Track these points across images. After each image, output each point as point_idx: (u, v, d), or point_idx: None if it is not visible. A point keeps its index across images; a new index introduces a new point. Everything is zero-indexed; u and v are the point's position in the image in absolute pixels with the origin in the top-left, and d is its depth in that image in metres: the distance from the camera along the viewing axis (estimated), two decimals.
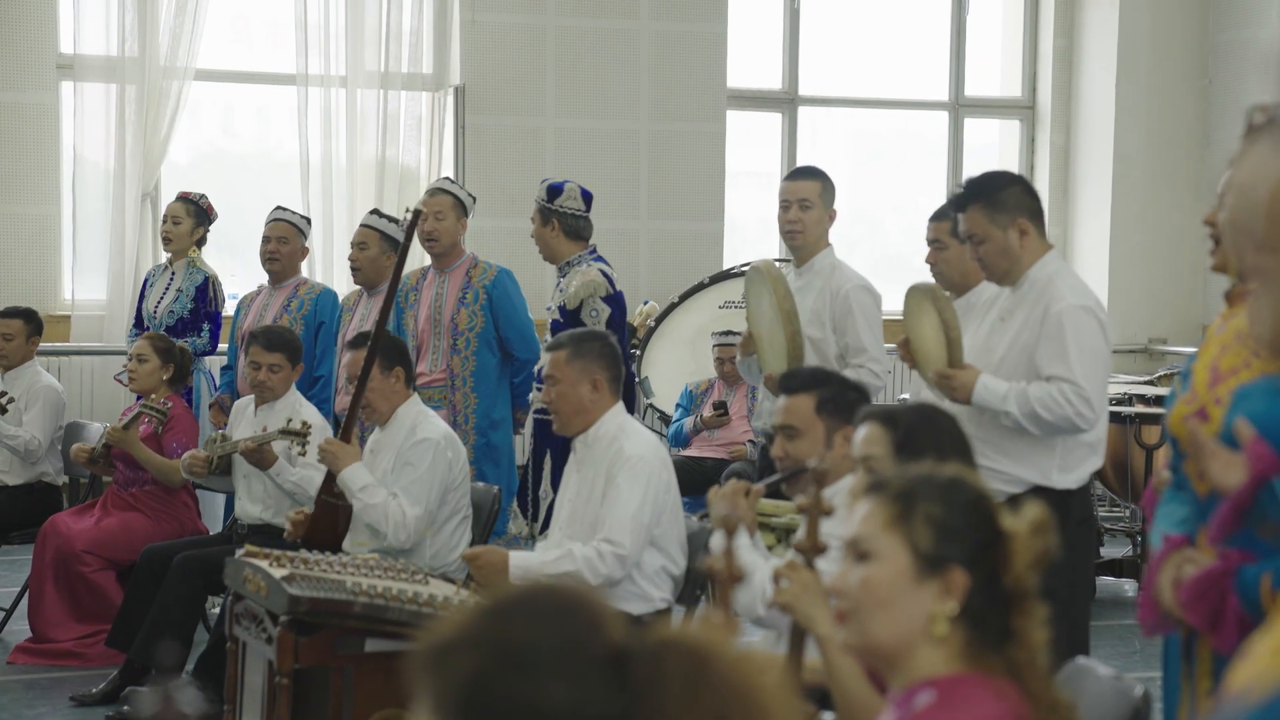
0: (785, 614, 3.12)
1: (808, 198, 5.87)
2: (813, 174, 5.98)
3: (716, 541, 3.76)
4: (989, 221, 4.67)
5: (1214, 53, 10.98)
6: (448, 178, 7.39)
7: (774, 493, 4.37)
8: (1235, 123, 3.02)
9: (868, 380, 5.46)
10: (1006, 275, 4.72)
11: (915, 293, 4.82)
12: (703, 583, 4.90)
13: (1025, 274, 4.72)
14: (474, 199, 7.24)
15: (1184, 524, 3.22)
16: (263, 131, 10.79)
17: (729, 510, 3.89)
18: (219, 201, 8.17)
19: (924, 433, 3.37)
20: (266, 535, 6.07)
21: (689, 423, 8.59)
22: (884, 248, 11.54)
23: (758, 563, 3.96)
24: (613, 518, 4.80)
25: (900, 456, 3.25)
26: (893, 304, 5.46)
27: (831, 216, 5.92)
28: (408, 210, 5.99)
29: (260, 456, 6.21)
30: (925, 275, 5.58)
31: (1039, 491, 4.54)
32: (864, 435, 3.43)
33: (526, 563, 4.89)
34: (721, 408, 8.53)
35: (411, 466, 5.59)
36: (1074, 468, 4.72)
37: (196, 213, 7.90)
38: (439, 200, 7.11)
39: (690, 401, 8.74)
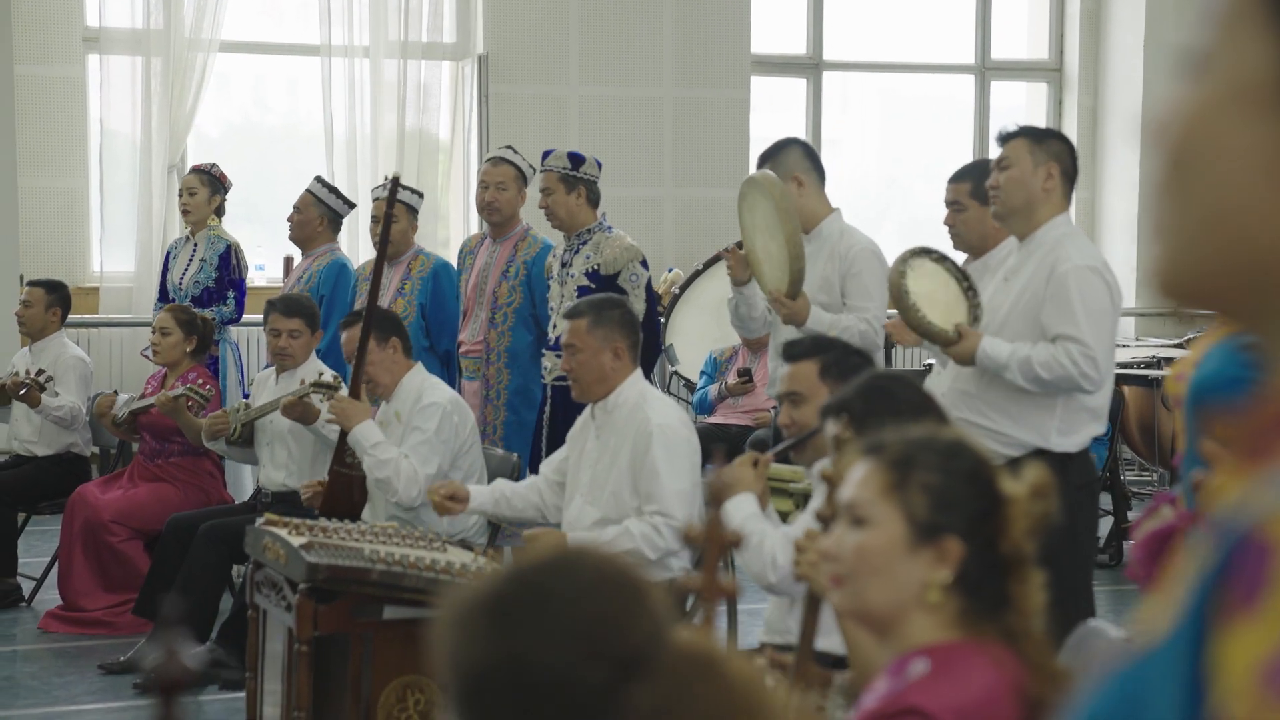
0: (804, 583, 3.11)
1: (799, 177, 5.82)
2: (775, 151, 5.91)
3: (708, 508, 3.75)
4: (1027, 152, 4.72)
5: None
6: (509, 146, 7.35)
7: (787, 459, 4.37)
8: None
9: (864, 330, 5.45)
10: (1015, 214, 4.73)
11: (909, 257, 4.82)
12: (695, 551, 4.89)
13: (1034, 234, 4.72)
14: (534, 170, 7.17)
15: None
16: (288, 103, 10.81)
17: (719, 479, 3.87)
18: (244, 173, 8.21)
19: (879, 406, 3.31)
20: (291, 503, 6.11)
21: (714, 390, 8.60)
22: (914, 211, 11.50)
23: (765, 530, 3.96)
24: (661, 491, 4.79)
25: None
26: None
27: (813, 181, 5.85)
28: (386, 177, 6.02)
29: (304, 410, 6.21)
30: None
31: (1038, 455, 4.54)
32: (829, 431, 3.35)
33: (583, 541, 4.88)
34: (746, 374, 8.53)
35: (419, 430, 5.63)
36: (1074, 431, 4.72)
37: (210, 182, 7.93)
38: (502, 170, 7.10)
39: (715, 369, 8.75)
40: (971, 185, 5.30)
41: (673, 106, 10.10)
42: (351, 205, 7.89)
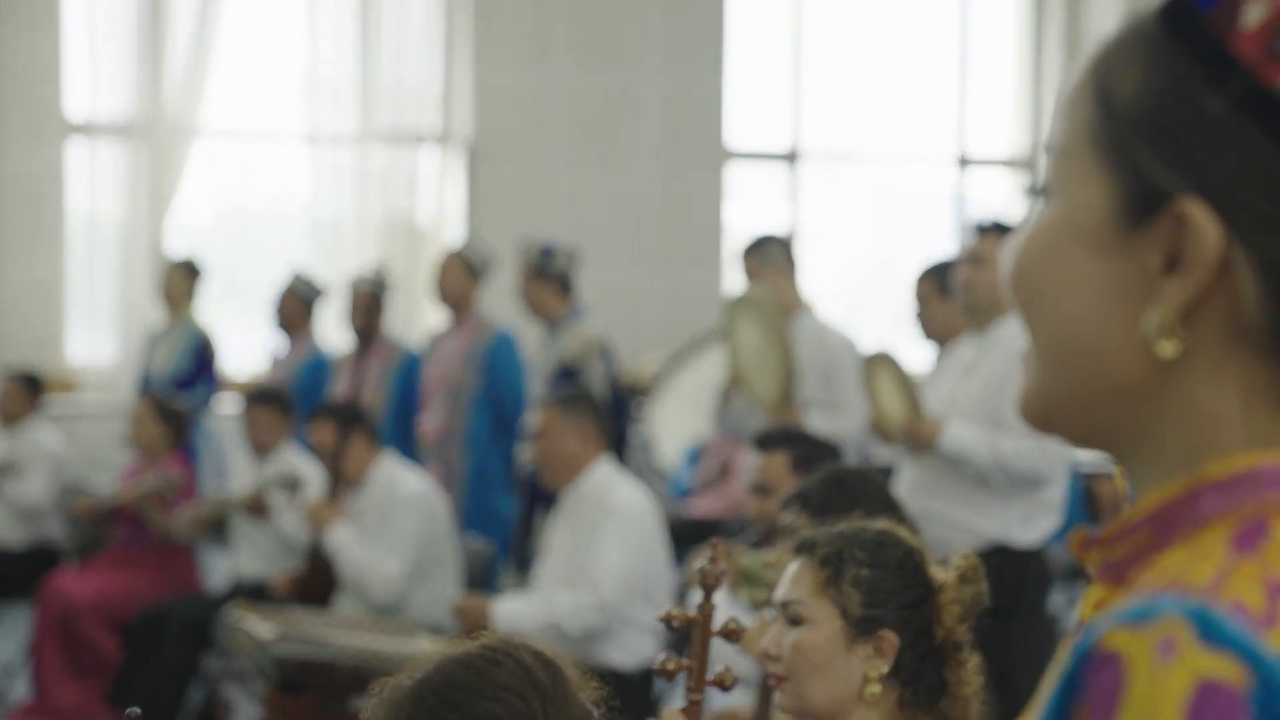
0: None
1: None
2: (757, 245, 6.12)
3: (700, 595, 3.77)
4: (992, 252, 4.77)
5: None
6: (467, 239, 7.53)
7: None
8: None
9: (842, 428, 5.54)
10: (985, 311, 4.80)
11: (867, 363, 4.94)
12: (676, 638, 4.91)
13: (995, 326, 4.78)
14: (487, 259, 7.30)
15: None
16: (273, 188, 10.85)
17: (711, 564, 3.89)
18: (229, 258, 8.26)
19: (837, 500, 3.31)
20: (264, 593, 6.12)
21: (692, 478, 8.59)
22: (893, 304, 11.54)
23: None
24: (597, 568, 4.85)
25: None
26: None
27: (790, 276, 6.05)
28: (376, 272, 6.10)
29: (259, 508, 6.27)
30: None
31: (1000, 552, 4.57)
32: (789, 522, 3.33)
33: (509, 611, 4.92)
34: (723, 468, 8.52)
35: (391, 524, 5.66)
36: (1035, 521, 4.75)
37: (188, 272, 8.00)
38: (449, 260, 7.30)
39: (694, 459, 8.75)
40: (935, 282, 5.40)
41: (652, 195, 10.17)
42: (318, 292, 8.00)
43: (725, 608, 4.01)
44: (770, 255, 6.04)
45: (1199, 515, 0.99)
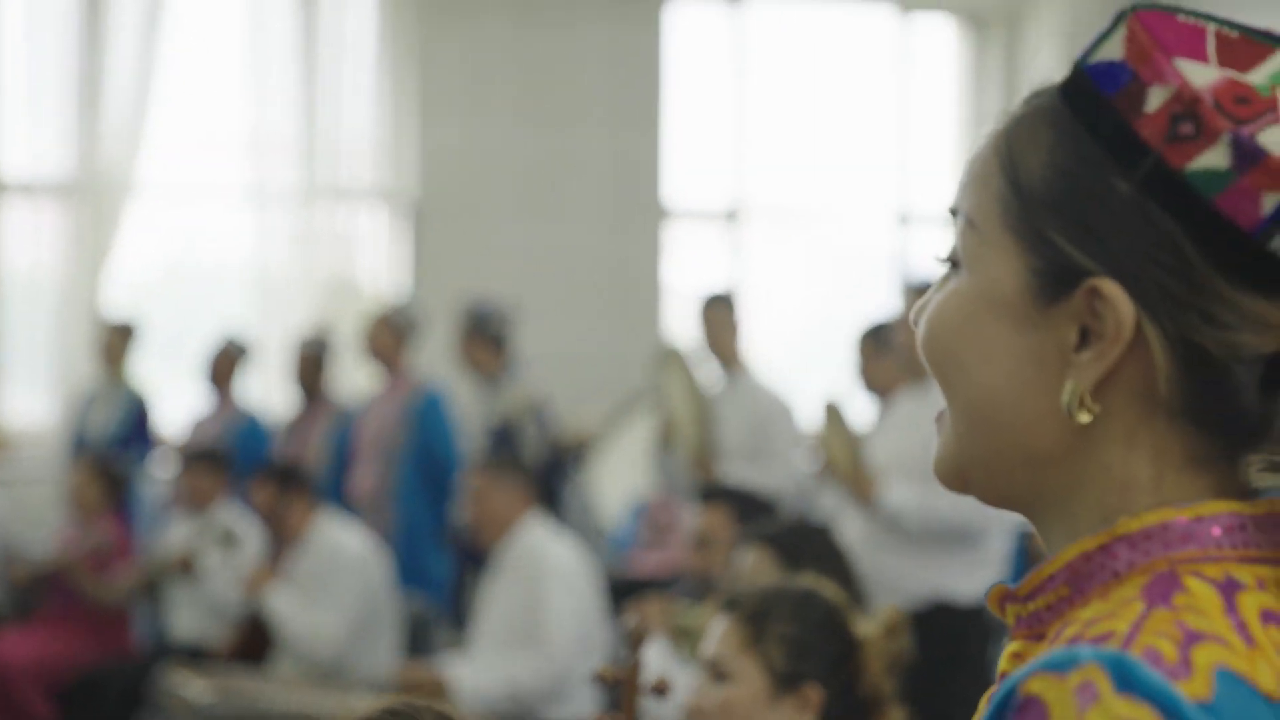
0: None
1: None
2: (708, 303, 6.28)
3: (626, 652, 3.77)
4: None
5: None
6: (397, 299, 7.58)
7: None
8: None
9: (773, 482, 5.62)
10: (918, 366, 4.88)
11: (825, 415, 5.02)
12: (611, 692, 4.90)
13: (925, 379, 4.84)
14: (414, 319, 7.35)
15: None
16: (214, 245, 10.80)
17: (639, 620, 3.91)
18: (169, 316, 8.23)
19: (804, 549, 3.36)
20: (200, 654, 6.07)
21: (636, 535, 8.57)
22: (835, 362, 11.57)
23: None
24: (549, 629, 4.85)
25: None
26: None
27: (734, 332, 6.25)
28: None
29: (189, 568, 6.24)
30: None
31: (940, 608, 4.61)
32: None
33: (469, 685, 4.90)
34: (664, 527, 8.51)
35: (330, 583, 5.64)
36: (975, 575, 4.80)
37: (124, 332, 7.97)
38: (375, 321, 7.34)
39: (635, 519, 8.72)
40: (875, 340, 5.50)
41: (593, 254, 10.18)
42: (244, 351, 8.03)
43: (665, 664, 4.01)
44: (720, 313, 6.28)
45: (1113, 569, 1.02)
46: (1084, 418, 1.03)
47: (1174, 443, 1.04)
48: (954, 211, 1.11)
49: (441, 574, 7.07)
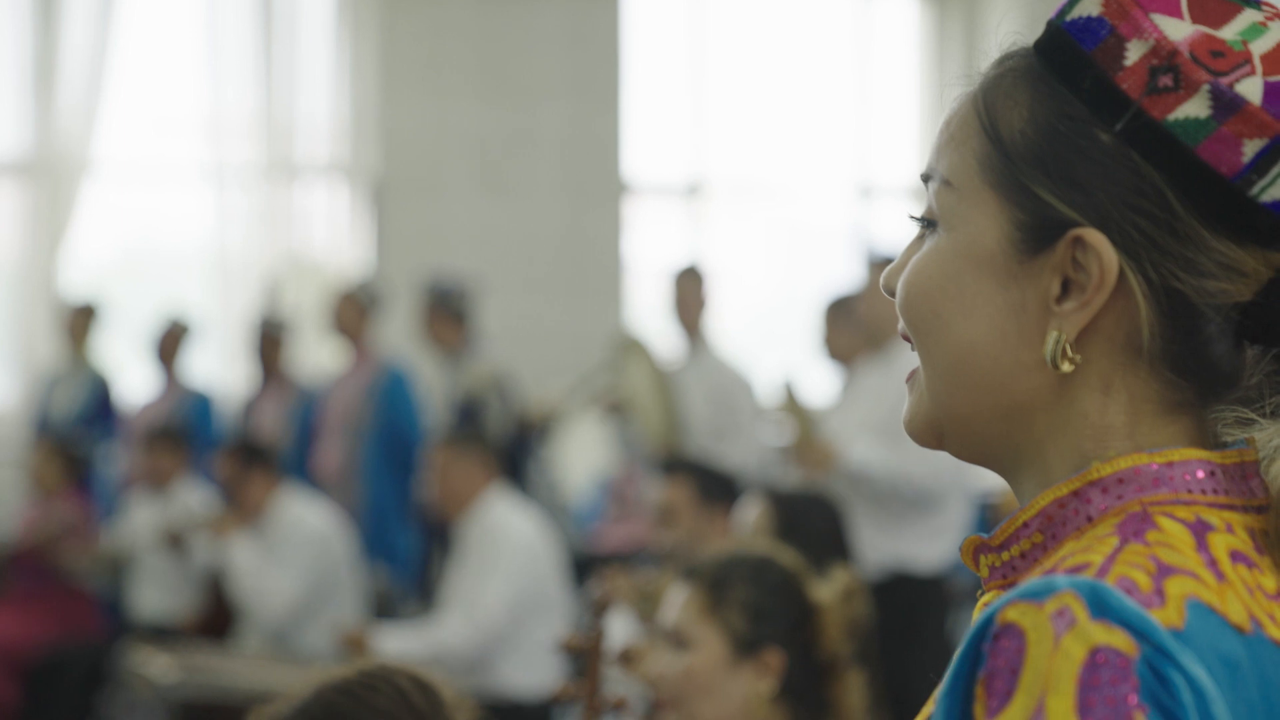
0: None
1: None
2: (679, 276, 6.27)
3: (590, 621, 3.80)
4: (874, 289, 4.94)
5: None
6: (361, 276, 7.57)
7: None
8: None
9: (738, 456, 5.66)
10: (881, 336, 4.97)
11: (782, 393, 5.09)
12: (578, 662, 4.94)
13: (894, 347, 4.90)
14: (377, 296, 7.35)
15: None
16: (173, 224, 10.75)
17: (604, 589, 3.93)
18: (127, 296, 8.20)
19: (805, 518, 3.40)
20: (164, 631, 6.07)
21: (602, 509, 8.58)
22: (798, 335, 11.59)
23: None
24: (476, 597, 4.90)
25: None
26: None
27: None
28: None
29: (179, 542, 6.24)
30: None
31: (900, 578, 4.66)
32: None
33: (395, 649, 4.93)
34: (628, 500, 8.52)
35: (287, 553, 5.66)
36: (935, 543, 4.83)
37: (87, 313, 7.94)
38: (342, 298, 7.31)
39: (600, 493, 8.74)
40: (838, 312, 5.56)
41: (554, 229, 10.18)
42: (186, 329, 8.03)
43: (630, 634, 4.03)
44: (690, 283, 6.36)
45: (1086, 514, 1.05)
46: (1066, 367, 1.06)
47: (1149, 390, 1.08)
48: (926, 176, 1.14)
49: (407, 549, 7.08)
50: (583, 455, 9.11)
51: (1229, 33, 1.06)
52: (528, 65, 10.14)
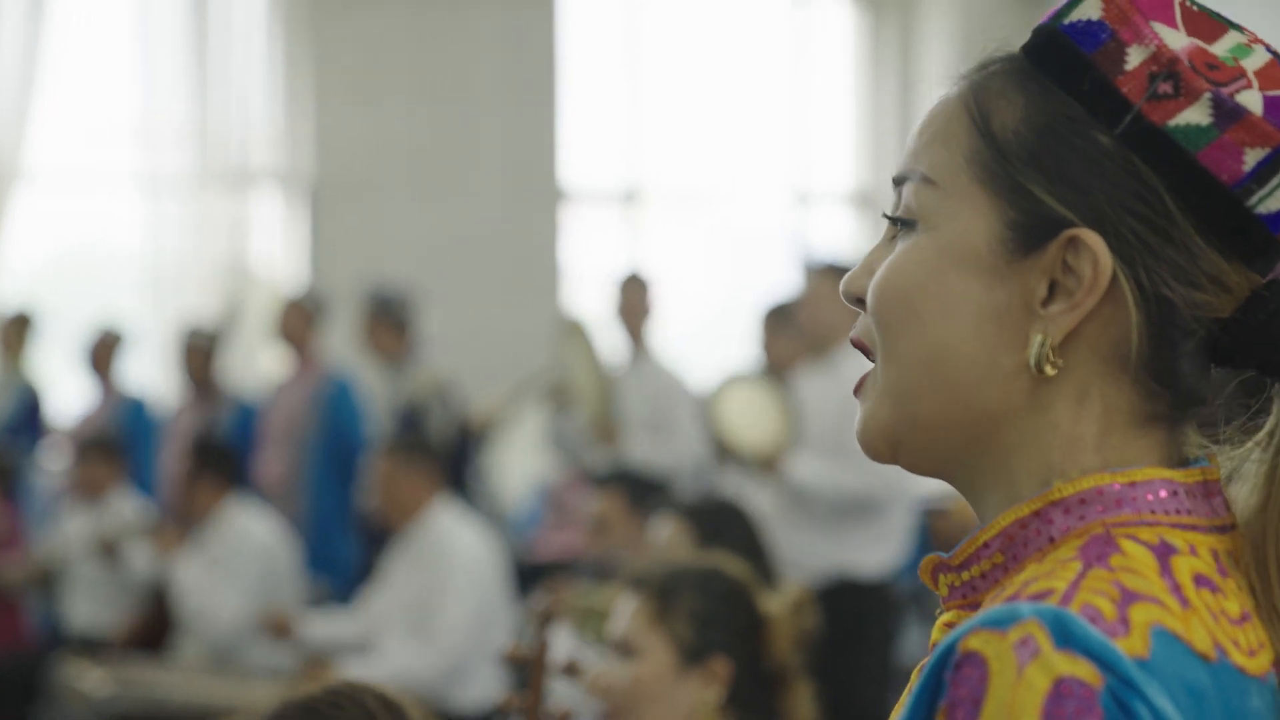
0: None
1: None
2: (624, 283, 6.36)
3: (534, 632, 3.78)
4: (827, 287, 4.96)
5: None
6: (305, 283, 7.54)
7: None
8: None
9: (674, 458, 5.67)
10: (821, 343, 5.00)
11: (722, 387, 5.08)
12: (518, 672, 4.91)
13: (834, 354, 4.92)
14: (323, 303, 7.31)
15: None
16: (106, 232, 10.65)
17: (549, 601, 3.91)
18: (60, 305, 8.13)
19: (718, 526, 3.39)
20: (97, 644, 6.01)
21: (540, 517, 8.56)
22: (735, 340, 11.59)
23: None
24: (442, 622, 4.85)
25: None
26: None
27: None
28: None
29: (112, 550, 6.18)
30: None
31: (843, 585, 4.67)
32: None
33: (317, 632, 4.93)
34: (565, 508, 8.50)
35: (232, 566, 5.61)
36: (877, 549, 4.85)
37: (23, 323, 7.86)
38: (289, 306, 7.29)
39: (538, 500, 8.71)
40: (776, 319, 5.58)
41: (491, 235, 10.15)
42: (119, 338, 7.96)
43: (572, 647, 4.01)
44: (635, 290, 6.42)
45: (1048, 534, 1.03)
46: (1050, 371, 1.04)
47: (1123, 400, 1.06)
48: (901, 178, 1.11)
49: (350, 560, 7.03)
50: (521, 462, 9.09)
51: (1220, 49, 1.06)
52: (463, 70, 10.11)
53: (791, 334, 5.41)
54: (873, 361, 1.11)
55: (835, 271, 5.06)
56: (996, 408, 1.06)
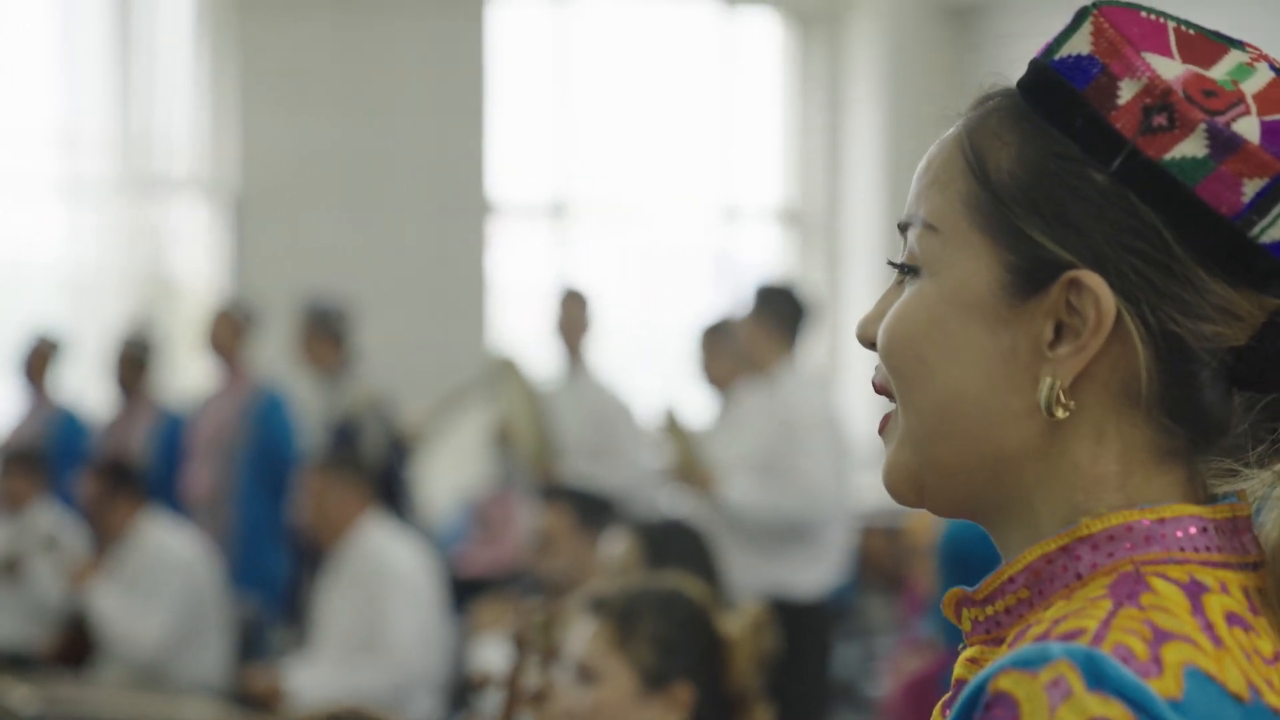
0: None
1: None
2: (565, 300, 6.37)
3: (505, 655, 3.76)
4: (754, 315, 5.03)
5: None
6: (233, 292, 7.45)
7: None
8: None
9: (619, 478, 5.66)
10: (764, 363, 5.05)
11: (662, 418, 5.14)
12: (475, 693, 4.88)
13: (773, 372, 4.95)
14: (253, 313, 7.23)
15: None
16: (24, 239, 10.50)
17: (521, 625, 3.88)
18: None
19: (669, 548, 3.39)
20: (21, 660, 5.92)
21: (466, 532, 8.51)
22: (665, 358, 11.60)
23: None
24: (393, 638, 4.82)
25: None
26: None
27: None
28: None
29: (13, 569, 6.08)
30: None
31: (779, 605, 4.67)
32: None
33: (307, 694, 4.84)
34: (493, 522, 8.45)
35: (153, 584, 5.54)
36: (813, 569, 4.87)
37: None
38: (217, 315, 7.20)
39: (463, 515, 8.66)
40: (712, 337, 5.61)
41: (419, 247, 10.10)
42: (54, 346, 7.85)
43: (505, 663, 3.98)
44: (575, 305, 6.38)
45: (1075, 570, 1.03)
46: (1061, 414, 1.03)
47: (1141, 438, 1.05)
48: (904, 225, 1.10)
49: (279, 574, 6.96)
50: (447, 475, 9.04)
51: (1218, 73, 1.05)
52: (391, 81, 10.06)
53: (730, 352, 5.41)
54: (894, 403, 1.11)
55: (774, 295, 5.13)
56: (1013, 450, 1.05)
